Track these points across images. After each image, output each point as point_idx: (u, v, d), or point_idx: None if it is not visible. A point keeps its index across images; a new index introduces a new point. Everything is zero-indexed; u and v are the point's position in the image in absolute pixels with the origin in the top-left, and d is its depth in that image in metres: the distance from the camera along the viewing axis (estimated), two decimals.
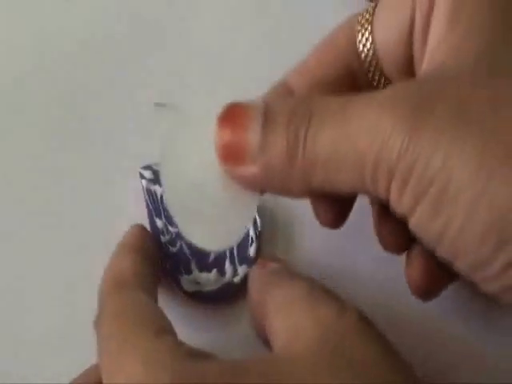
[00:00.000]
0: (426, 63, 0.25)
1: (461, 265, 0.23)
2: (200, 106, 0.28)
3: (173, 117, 0.28)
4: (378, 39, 0.28)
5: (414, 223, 0.23)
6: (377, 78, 0.29)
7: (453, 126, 0.22)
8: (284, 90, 0.29)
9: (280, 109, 0.24)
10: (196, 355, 0.22)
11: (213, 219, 0.28)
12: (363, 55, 0.28)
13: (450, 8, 0.25)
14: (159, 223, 0.31)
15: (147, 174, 0.32)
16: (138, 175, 0.32)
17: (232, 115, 0.25)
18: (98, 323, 0.25)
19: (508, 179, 0.21)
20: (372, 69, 0.28)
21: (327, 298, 0.24)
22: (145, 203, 0.32)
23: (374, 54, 0.28)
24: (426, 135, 0.22)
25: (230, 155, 0.25)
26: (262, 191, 0.27)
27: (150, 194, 0.32)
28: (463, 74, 0.23)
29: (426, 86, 0.23)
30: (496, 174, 0.21)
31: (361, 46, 0.28)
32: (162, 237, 0.31)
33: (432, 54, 0.25)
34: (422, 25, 0.26)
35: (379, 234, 0.28)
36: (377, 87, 0.29)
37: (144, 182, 0.32)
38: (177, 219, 0.27)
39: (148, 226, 0.31)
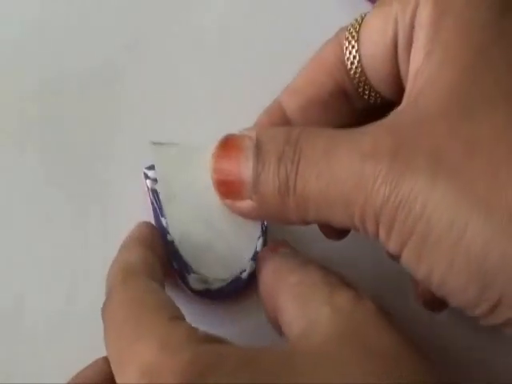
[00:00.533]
0: (408, 87, 0.26)
1: (452, 303, 0.24)
2: (197, 139, 0.29)
3: (170, 154, 0.29)
4: (364, 57, 0.28)
5: (403, 263, 0.24)
6: (367, 92, 0.29)
7: (429, 176, 0.22)
8: (277, 112, 0.30)
9: (270, 147, 0.25)
10: (212, 340, 0.22)
11: (219, 249, 0.29)
12: (352, 72, 0.29)
13: (426, 34, 0.25)
14: (165, 222, 0.31)
15: (151, 173, 0.32)
16: (143, 175, 0.32)
17: (226, 150, 0.26)
18: (106, 311, 0.25)
19: (482, 228, 0.22)
20: (362, 84, 0.29)
21: (342, 285, 0.25)
22: (150, 203, 0.32)
23: (361, 70, 0.28)
24: (405, 185, 0.23)
25: (227, 191, 0.27)
26: None
27: (155, 194, 0.32)
28: (439, 114, 0.23)
29: (403, 132, 0.24)
30: (470, 223, 0.22)
31: (349, 64, 0.28)
32: (168, 236, 0.31)
33: (413, 79, 0.25)
34: (404, 45, 0.26)
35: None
36: (368, 101, 0.29)
37: (149, 181, 0.32)
38: (183, 253, 0.28)
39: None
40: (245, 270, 0.30)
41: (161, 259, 0.28)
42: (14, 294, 0.31)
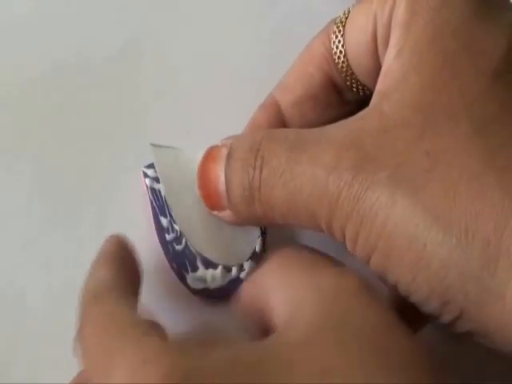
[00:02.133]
0: (377, 86, 0.25)
1: (422, 310, 0.24)
2: (196, 139, 0.29)
3: (169, 156, 0.30)
4: (349, 51, 0.28)
5: (372, 270, 0.25)
6: (355, 85, 0.29)
7: (389, 192, 0.22)
8: (272, 108, 0.30)
9: (237, 155, 0.26)
10: (187, 350, 0.21)
11: (223, 239, 0.30)
12: (339, 66, 0.29)
13: (398, 33, 0.25)
14: (164, 221, 0.31)
15: (150, 172, 0.32)
16: (141, 174, 0.32)
17: (206, 163, 0.27)
18: (79, 337, 0.24)
19: (440, 247, 0.22)
20: (349, 78, 0.29)
21: (325, 264, 0.25)
22: (149, 202, 0.32)
23: (348, 65, 0.28)
24: (367, 201, 0.23)
25: (212, 204, 0.27)
26: None
27: (154, 193, 0.32)
28: (401, 124, 0.23)
29: (365, 144, 0.24)
30: (428, 241, 0.22)
31: (336, 58, 0.28)
32: (166, 235, 0.31)
33: (382, 78, 0.25)
34: (383, 42, 0.26)
35: None
36: (357, 93, 0.29)
37: (148, 180, 0.32)
38: (188, 238, 0.29)
39: (152, 225, 0.31)
40: (244, 270, 0.30)
41: (131, 270, 0.27)
42: (13, 294, 0.31)
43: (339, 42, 0.28)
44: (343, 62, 0.28)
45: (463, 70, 0.23)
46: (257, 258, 0.30)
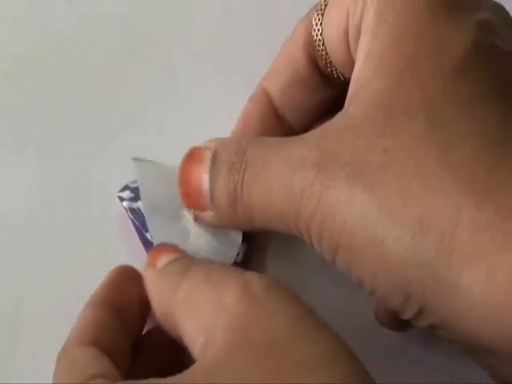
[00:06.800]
0: (349, 92, 0.26)
1: (387, 307, 0.25)
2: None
3: (151, 169, 0.31)
4: (326, 41, 0.29)
5: (341, 271, 0.25)
6: (335, 72, 0.30)
7: (348, 190, 0.23)
8: (261, 98, 0.31)
9: (223, 157, 0.26)
10: None
11: (202, 249, 0.29)
12: (319, 53, 0.29)
13: (366, 39, 0.26)
14: (149, 236, 0.31)
15: (126, 194, 0.32)
16: (117, 200, 0.32)
17: (189, 163, 0.27)
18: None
19: (396, 243, 0.22)
20: (329, 65, 0.29)
21: (227, 277, 0.24)
22: (131, 224, 0.32)
23: (326, 53, 0.29)
24: (328, 199, 0.24)
25: (191, 203, 0.28)
26: None
27: (134, 213, 0.32)
28: (362, 123, 0.24)
29: (328, 142, 0.24)
30: (386, 238, 0.22)
31: (316, 45, 0.29)
32: None
33: (352, 84, 0.26)
34: (354, 42, 0.27)
35: None
36: (338, 79, 0.30)
37: (125, 203, 0.32)
38: None
39: (139, 244, 0.31)
40: (238, 254, 0.30)
41: (126, 312, 0.26)
42: (13, 295, 0.31)
43: (318, 30, 0.29)
44: (322, 50, 0.29)
45: (424, 70, 0.24)
46: (249, 241, 0.30)
